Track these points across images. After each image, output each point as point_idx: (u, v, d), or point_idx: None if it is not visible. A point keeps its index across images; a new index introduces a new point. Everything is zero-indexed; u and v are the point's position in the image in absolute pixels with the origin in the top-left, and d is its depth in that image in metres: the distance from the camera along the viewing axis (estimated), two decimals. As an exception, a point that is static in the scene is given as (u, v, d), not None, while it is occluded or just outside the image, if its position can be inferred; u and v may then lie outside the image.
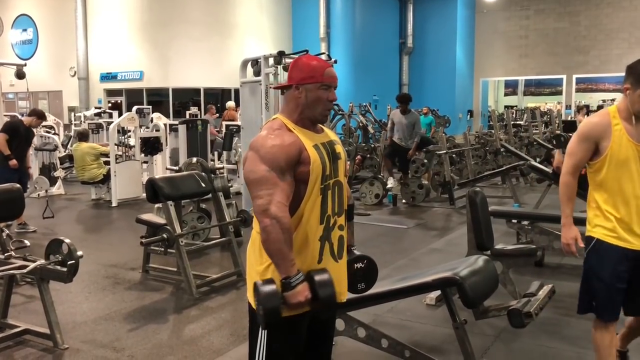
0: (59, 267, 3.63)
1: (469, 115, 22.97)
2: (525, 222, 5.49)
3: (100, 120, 13.61)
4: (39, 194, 9.82)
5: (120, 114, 14.61)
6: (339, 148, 2.21)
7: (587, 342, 3.69)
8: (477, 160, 11.29)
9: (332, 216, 2.13)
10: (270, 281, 1.98)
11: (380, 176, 9.67)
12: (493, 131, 12.40)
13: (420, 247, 6.42)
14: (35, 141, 10.79)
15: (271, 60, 7.06)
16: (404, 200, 9.00)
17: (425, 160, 9.54)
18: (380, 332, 3.29)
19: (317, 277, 2.00)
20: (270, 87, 6.85)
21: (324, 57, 7.52)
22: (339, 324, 3.44)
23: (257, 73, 7.29)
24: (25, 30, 21.70)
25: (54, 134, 11.36)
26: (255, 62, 7.36)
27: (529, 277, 5.08)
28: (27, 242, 5.19)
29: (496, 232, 6.07)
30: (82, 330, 4.01)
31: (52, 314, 3.68)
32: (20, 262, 3.77)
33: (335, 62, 7.74)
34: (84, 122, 14.21)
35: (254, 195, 2.01)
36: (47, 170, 10.35)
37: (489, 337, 3.79)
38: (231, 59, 17.56)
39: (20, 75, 8.09)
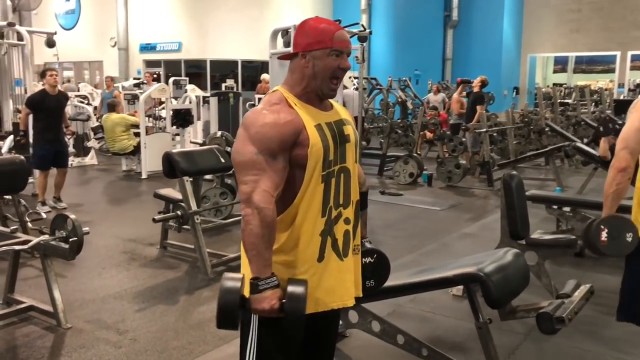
0: (62, 244, 3.47)
1: (514, 93, 22.11)
2: (567, 209, 5.09)
3: (137, 91, 13.56)
4: (71, 164, 9.86)
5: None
6: (349, 129, 1.90)
7: (630, 345, 3.35)
8: (521, 139, 10.75)
9: (336, 208, 1.84)
10: (238, 276, 1.74)
11: (415, 154, 9.30)
12: (538, 109, 11.78)
13: (452, 231, 6.08)
14: (69, 110, 10.82)
15: (302, 30, 6.72)
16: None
17: (463, 139, 9.12)
18: (396, 328, 3.01)
19: (290, 288, 1.72)
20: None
21: (355, 28, 7.11)
22: (352, 315, 3.18)
23: (287, 44, 6.96)
24: (68, 0, 21.86)
25: (87, 104, 11.34)
26: (285, 32, 7.05)
27: (567, 268, 4.73)
28: (43, 215, 5.08)
29: (535, 217, 5.71)
30: (89, 309, 3.86)
31: (55, 292, 3.54)
32: (24, 237, 3.64)
33: (370, 33, 7.36)
34: (121, 92, 14.22)
35: (239, 179, 1.75)
36: (80, 141, 10.36)
37: (518, 335, 3.46)
38: (269, 30, 17.22)
39: (50, 43, 7.99)
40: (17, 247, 3.41)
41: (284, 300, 1.71)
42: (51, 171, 6.81)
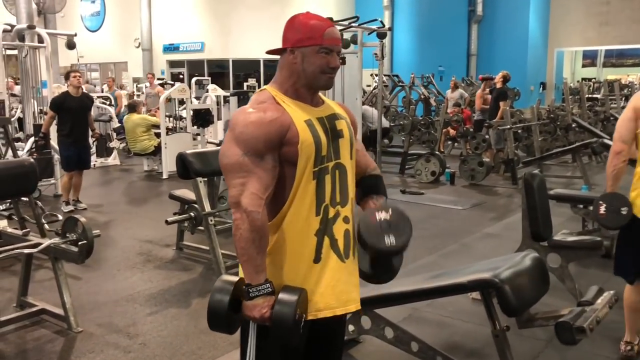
0: (72, 247, 3.43)
1: (541, 88, 21.65)
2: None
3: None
4: (94, 164, 9.93)
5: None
6: (342, 124, 1.83)
7: (658, 356, 3.18)
8: (547, 136, 10.48)
9: (333, 206, 1.76)
10: (232, 279, 1.72)
11: (438, 152, 9.13)
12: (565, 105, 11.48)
13: (474, 231, 5.93)
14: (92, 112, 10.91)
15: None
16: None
17: (487, 136, 8.92)
18: (410, 334, 2.90)
19: (280, 296, 1.67)
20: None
21: (374, 24, 6.99)
22: (365, 321, 3.08)
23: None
24: (93, 2, 22.13)
25: (110, 105, 11.41)
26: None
27: (594, 270, 4.56)
28: (59, 216, 5.08)
29: (561, 216, 5.53)
30: (101, 312, 3.83)
31: (66, 295, 3.51)
32: (35, 240, 3.61)
33: (389, 29, 7.22)
34: (144, 92, 14.31)
35: (227, 183, 1.71)
36: (102, 141, 10.42)
37: (540, 341, 3.32)
38: (291, 28, 17.19)
39: (70, 45, 8.05)
40: (27, 251, 3.38)
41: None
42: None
